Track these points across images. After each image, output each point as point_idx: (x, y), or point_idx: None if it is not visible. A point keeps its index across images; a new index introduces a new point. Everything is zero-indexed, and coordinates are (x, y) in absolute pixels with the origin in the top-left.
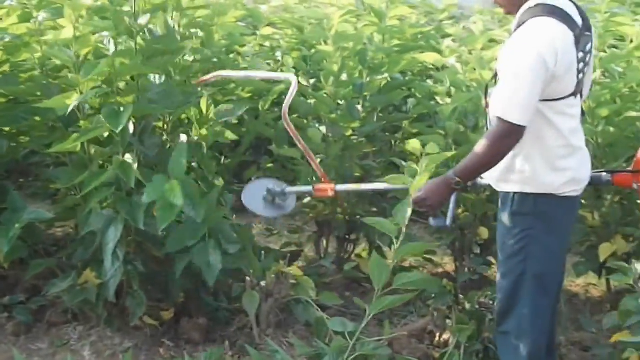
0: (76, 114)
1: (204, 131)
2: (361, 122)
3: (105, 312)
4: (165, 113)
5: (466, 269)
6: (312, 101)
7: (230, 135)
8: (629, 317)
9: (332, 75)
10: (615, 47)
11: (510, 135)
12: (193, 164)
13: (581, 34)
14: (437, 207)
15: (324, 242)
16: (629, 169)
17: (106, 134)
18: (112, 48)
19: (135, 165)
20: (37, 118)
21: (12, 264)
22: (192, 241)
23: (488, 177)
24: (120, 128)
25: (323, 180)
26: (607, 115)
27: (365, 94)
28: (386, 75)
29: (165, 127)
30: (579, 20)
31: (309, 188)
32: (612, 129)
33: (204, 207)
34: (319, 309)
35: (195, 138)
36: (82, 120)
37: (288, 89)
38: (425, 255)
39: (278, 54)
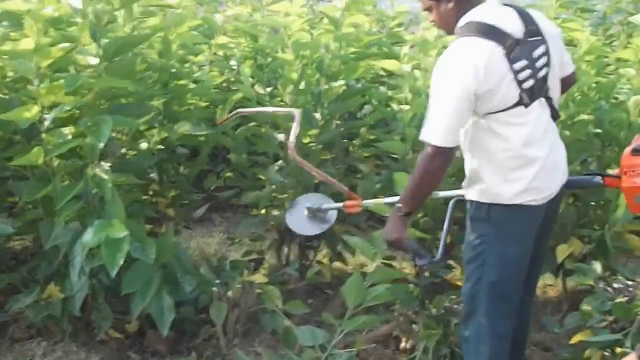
0: (36, 127)
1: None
2: (319, 129)
3: (70, 327)
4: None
5: (427, 273)
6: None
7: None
8: (590, 317)
9: (291, 84)
10: None
11: (436, 157)
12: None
13: (519, 42)
14: (400, 242)
15: (286, 249)
16: (615, 172)
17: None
18: (91, 60)
19: (109, 179)
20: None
21: None
22: (145, 285)
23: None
24: (104, 141)
25: (351, 197)
26: (562, 119)
27: (323, 101)
28: (343, 82)
29: (124, 137)
30: (516, 30)
31: (340, 205)
32: (567, 133)
33: (154, 247)
34: (286, 318)
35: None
36: (44, 134)
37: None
38: (384, 261)
39: (232, 62)
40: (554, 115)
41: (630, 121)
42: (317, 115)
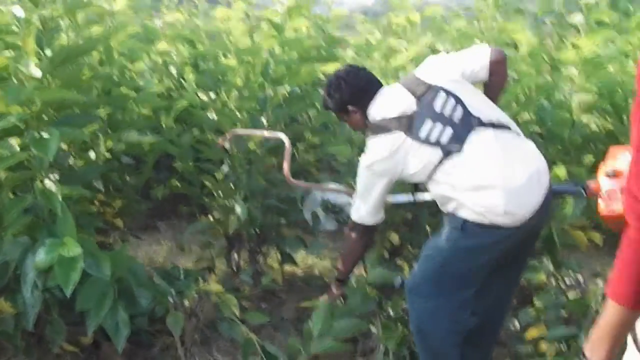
0: None
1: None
2: None
3: (23, 343)
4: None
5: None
6: (213, 115)
7: None
8: (543, 313)
9: (235, 89)
10: None
11: (359, 232)
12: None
13: (414, 114)
14: (335, 296)
15: (236, 255)
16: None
17: None
18: (34, 71)
19: (59, 192)
20: None
21: None
22: (100, 300)
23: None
24: (52, 156)
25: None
26: None
27: (269, 107)
28: (288, 87)
29: (70, 148)
30: (408, 104)
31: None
32: None
33: (109, 262)
34: (245, 327)
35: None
36: None
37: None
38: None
39: (172, 69)
40: (503, 127)
41: (573, 120)
42: (263, 120)
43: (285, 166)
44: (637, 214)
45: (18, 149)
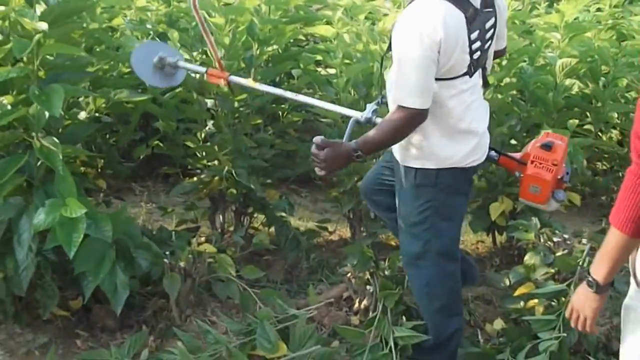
0: None
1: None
2: (250, 94)
3: (12, 308)
4: None
5: (364, 234)
6: (197, 75)
7: None
8: (533, 271)
9: (222, 48)
10: None
11: (411, 120)
12: None
13: (477, 12)
14: (331, 171)
15: (220, 217)
16: (517, 156)
17: None
18: (39, 24)
19: (60, 151)
20: None
21: None
22: (98, 262)
23: (394, 150)
24: (57, 112)
25: (219, 66)
26: (493, 82)
27: (255, 66)
28: (275, 47)
29: None
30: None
31: (202, 69)
32: (499, 96)
33: (109, 224)
34: (244, 285)
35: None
36: None
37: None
38: (319, 224)
39: (148, 26)
40: (484, 84)
41: (556, 83)
42: (250, 81)
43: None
44: (638, 151)
45: (9, 107)
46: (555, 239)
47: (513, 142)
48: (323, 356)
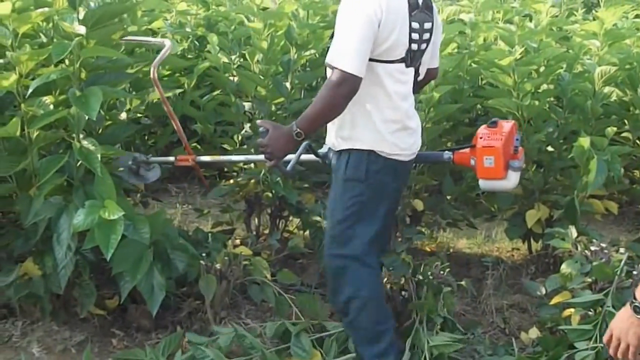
0: (9, 96)
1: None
2: (288, 98)
3: (50, 306)
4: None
5: (399, 240)
6: (235, 78)
7: None
8: (570, 280)
9: (260, 52)
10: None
11: (343, 84)
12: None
13: (419, 5)
14: (278, 155)
15: (256, 220)
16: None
17: None
18: (78, 28)
19: (98, 152)
20: None
21: None
22: (136, 263)
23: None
24: (94, 114)
25: (186, 149)
26: (530, 89)
27: (293, 70)
28: (313, 51)
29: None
30: None
31: (171, 158)
32: (536, 103)
33: (147, 226)
34: (279, 289)
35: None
36: (22, 103)
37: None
38: None
39: (187, 29)
40: (414, 88)
41: (595, 90)
42: (287, 85)
43: (156, 62)
44: None
45: (51, 107)
46: (592, 248)
47: (550, 149)
48: None
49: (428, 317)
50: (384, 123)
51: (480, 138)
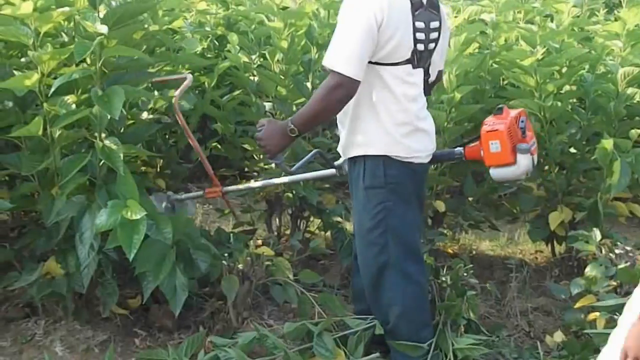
0: (31, 95)
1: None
2: (309, 98)
3: (73, 305)
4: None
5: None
6: (255, 78)
7: None
8: (595, 283)
9: (281, 52)
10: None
11: (340, 87)
12: None
13: (423, 4)
14: (273, 151)
15: (277, 220)
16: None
17: None
18: (100, 27)
19: (120, 151)
20: None
21: None
22: (159, 263)
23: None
24: (117, 114)
25: (213, 179)
26: (553, 90)
27: (314, 70)
28: None
29: None
30: None
31: (200, 193)
32: (559, 104)
33: (170, 225)
34: (302, 289)
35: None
36: (45, 102)
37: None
38: None
39: (207, 29)
40: (425, 90)
41: (618, 91)
42: (308, 84)
43: (177, 93)
44: None
45: (74, 106)
46: (616, 251)
47: (573, 150)
48: None
49: (452, 319)
50: (395, 126)
51: (485, 125)
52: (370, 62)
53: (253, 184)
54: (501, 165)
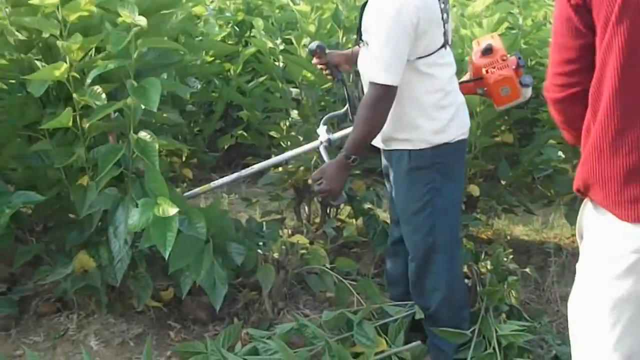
0: (52, 88)
1: None
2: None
3: (106, 298)
4: None
5: None
6: (280, 64)
7: None
8: None
9: (308, 36)
10: None
11: (384, 98)
12: None
13: None
14: (340, 191)
15: (306, 208)
16: (468, 77)
17: None
18: (139, 19)
19: (155, 143)
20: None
21: None
22: (197, 259)
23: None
24: (155, 106)
25: None
26: None
27: None
28: None
29: None
30: None
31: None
32: None
33: (203, 220)
34: (339, 277)
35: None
36: (74, 93)
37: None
38: None
39: (228, 14)
40: None
41: None
42: None
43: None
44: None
45: (106, 99)
46: None
47: None
48: (422, 351)
49: (494, 305)
50: (439, 112)
51: (487, 72)
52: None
53: (242, 172)
54: (510, 102)
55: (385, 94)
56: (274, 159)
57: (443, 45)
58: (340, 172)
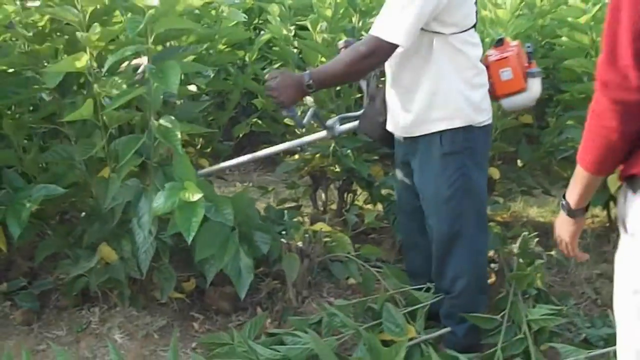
0: (69, 81)
1: None
2: None
3: (129, 291)
4: None
5: None
6: (295, 49)
7: None
8: None
9: (324, 21)
10: None
11: (373, 54)
12: None
13: None
14: (286, 103)
15: (323, 195)
16: None
17: None
18: (152, 2)
19: (177, 129)
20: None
21: None
22: (222, 247)
23: (398, 129)
24: (175, 88)
25: None
26: None
27: (358, 37)
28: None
29: None
30: None
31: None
32: None
33: (230, 207)
34: (365, 264)
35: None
36: (95, 84)
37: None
38: None
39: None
40: None
41: None
42: None
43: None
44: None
45: (125, 86)
46: None
47: None
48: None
49: (523, 289)
50: (473, 91)
51: (490, 56)
52: (441, 33)
53: (235, 160)
54: (513, 93)
55: (384, 50)
56: (286, 144)
57: (474, 25)
58: (293, 88)
